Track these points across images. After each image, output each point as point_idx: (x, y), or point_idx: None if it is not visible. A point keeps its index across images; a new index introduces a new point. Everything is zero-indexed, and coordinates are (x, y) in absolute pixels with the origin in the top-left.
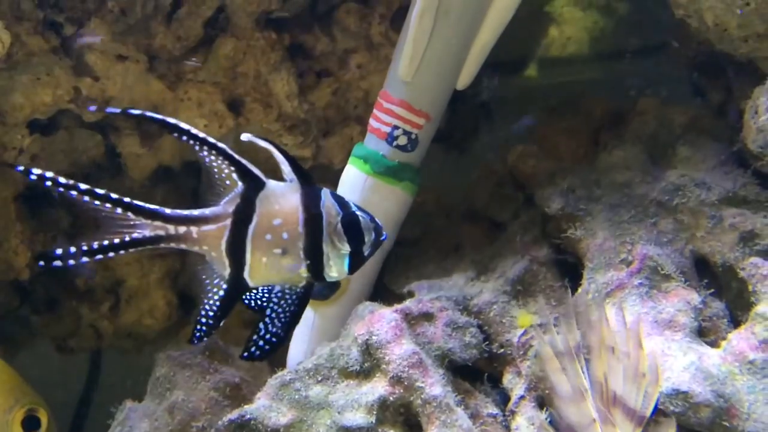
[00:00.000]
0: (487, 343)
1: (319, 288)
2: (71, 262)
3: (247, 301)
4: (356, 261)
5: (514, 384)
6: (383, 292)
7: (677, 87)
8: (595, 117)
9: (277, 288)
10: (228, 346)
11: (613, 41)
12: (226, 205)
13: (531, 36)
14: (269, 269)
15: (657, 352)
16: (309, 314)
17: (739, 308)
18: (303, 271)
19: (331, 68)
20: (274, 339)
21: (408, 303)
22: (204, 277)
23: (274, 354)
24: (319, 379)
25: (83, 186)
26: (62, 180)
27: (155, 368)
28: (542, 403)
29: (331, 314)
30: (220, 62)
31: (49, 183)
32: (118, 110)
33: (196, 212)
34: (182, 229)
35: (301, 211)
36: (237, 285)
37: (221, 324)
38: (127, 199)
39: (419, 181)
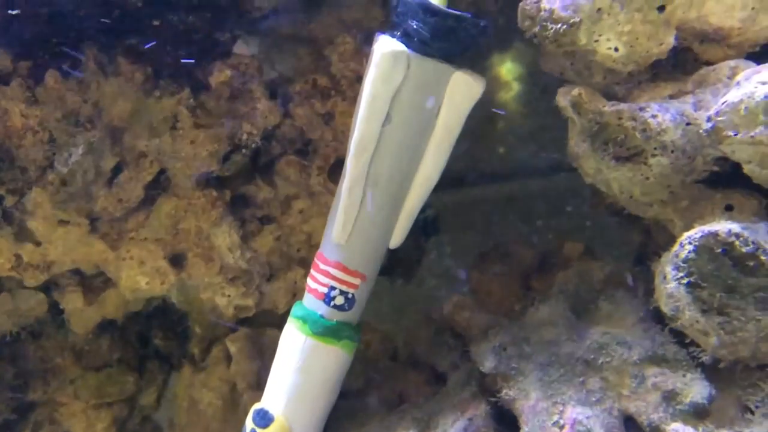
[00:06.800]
0: None
1: None
2: None
3: None
4: None
5: None
6: None
7: None
8: (524, 263)
9: None
10: None
11: (553, 156)
12: None
13: (473, 150)
14: None
15: None
16: None
17: None
18: None
19: (273, 214)
20: None
21: None
22: None
23: None
24: None
25: None
26: None
27: None
28: None
29: None
30: (162, 220)
31: None
32: None
33: None
34: None
35: None
36: None
37: None
38: None
39: (358, 337)
